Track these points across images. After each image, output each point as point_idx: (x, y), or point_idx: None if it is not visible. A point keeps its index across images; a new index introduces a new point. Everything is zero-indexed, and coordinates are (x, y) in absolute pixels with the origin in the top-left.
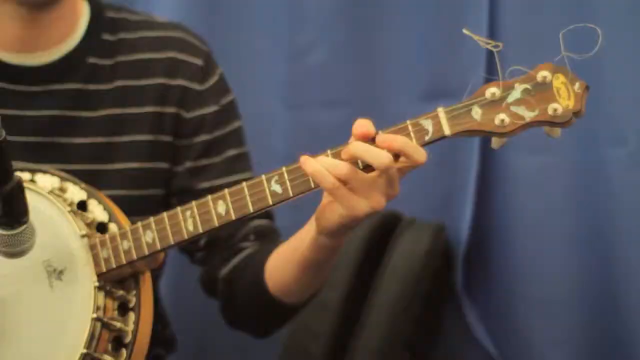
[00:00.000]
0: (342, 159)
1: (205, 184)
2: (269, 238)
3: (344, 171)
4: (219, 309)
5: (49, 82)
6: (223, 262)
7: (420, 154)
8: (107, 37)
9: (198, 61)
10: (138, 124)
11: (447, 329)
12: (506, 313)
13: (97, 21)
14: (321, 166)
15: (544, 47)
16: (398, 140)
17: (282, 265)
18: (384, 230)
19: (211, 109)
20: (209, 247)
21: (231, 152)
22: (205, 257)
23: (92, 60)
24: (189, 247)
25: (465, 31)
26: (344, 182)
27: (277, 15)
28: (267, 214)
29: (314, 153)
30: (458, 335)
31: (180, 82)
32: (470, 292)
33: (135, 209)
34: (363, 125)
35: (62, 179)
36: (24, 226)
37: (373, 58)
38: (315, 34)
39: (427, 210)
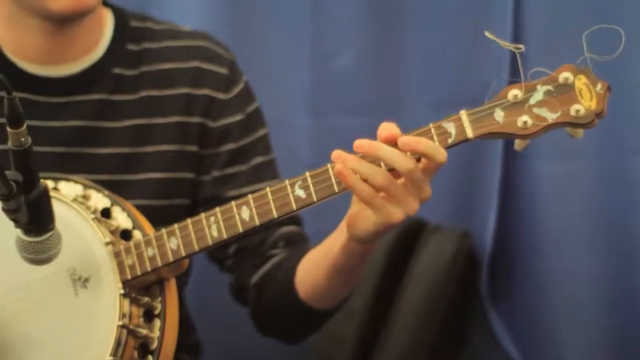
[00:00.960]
0: (363, 153)
1: (233, 192)
2: (299, 244)
3: (384, 180)
4: (249, 316)
5: (74, 93)
6: (253, 269)
7: (441, 154)
8: (131, 47)
9: (223, 70)
10: (163, 134)
11: (472, 334)
12: (530, 319)
13: (122, 31)
14: (357, 175)
15: (569, 48)
16: (421, 142)
17: (312, 271)
18: (409, 237)
19: (236, 117)
20: (238, 255)
21: (258, 160)
22: (234, 265)
23: (116, 70)
24: (218, 256)
25: (487, 34)
26: (380, 189)
27: (301, 22)
28: (295, 220)
29: None
30: (482, 340)
31: (205, 91)
32: (495, 297)
33: (160, 219)
34: (388, 129)
35: (86, 186)
36: (50, 233)
37: (396, 64)
38: (339, 40)
39: (451, 217)
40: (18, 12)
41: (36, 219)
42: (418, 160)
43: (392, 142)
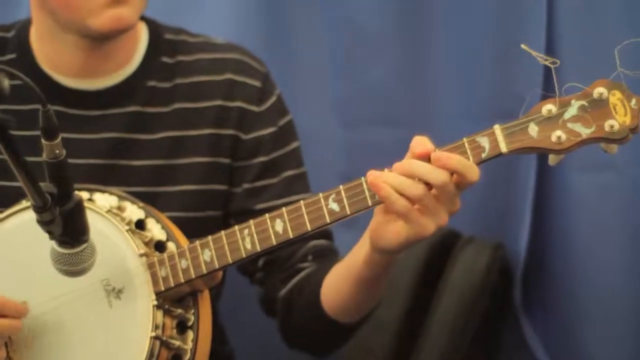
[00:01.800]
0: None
1: (263, 205)
2: (328, 258)
3: (419, 192)
4: (278, 329)
5: (109, 106)
6: (282, 282)
7: (474, 172)
8: (165, 59)
9: (256, 83)
10: (196, 146)
11: (506, 346)
12: (564, 331)
13: (156, 44)
14: (391, 187)
15: (603, 63)
16: (453, 159)
17: (336, 284)
18: (442, 248)
19: (269, 130)
20: (267, 268)
21: (289, 173)
22: (264, 278)
23: (150, 83)
24: (248, 269)
25: (523, 47)
26: (414, 202)
27: (334, 33)
28: (325, 234)
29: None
30: (516, 352)
31: (238, 103)
32: (529, 310)
33: (194, 231)
34: (421, 144)
35: (120, 197)
36: (85, 245)
37: (429, 76)
38: (372, 53)
39: (485, 229)
40: (55, 28)
41: (70, 230)
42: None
43: (426, 157)
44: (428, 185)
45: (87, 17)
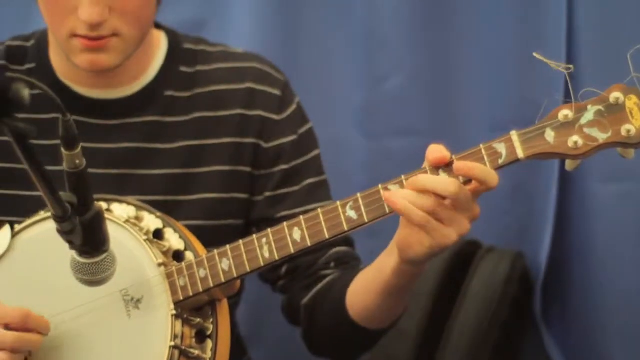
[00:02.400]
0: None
1: (284, 213)
2: (350, 265)
3: (431, 203)
4: (301, 336)
5: (127, 115)
6: (304, 290)
7: (493, 178)
8: (184, 69)
9: (275, 91)
10: (216, 155)
11: (526, 355)
12: (585, 342)
13: (175, 53)
14: (408, 200)
15: (621, 68)
16: (475, 169)
17: (363, 292)
18: (463, 258)
19: (289, 138)
20: (290, 276)
21: (310, 181)
22: (286, 286)
23: (169, 92)
24: (270, 277)
25: (536, 55)
26: (431, 213)
27: (355, 42)
28: (347, 240)
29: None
30: None
31: (258, 112)
32: (549, 320)
33: (212, 240)
34: (437, 151)
35: (138, 208)
36: (105, 255)
37: (450, 85)
38: (392, 61)
39: (505, 239)
40: None
41: (91, 240)
42: (468, 181)
43: (442, 164)
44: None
45: (69, 54)
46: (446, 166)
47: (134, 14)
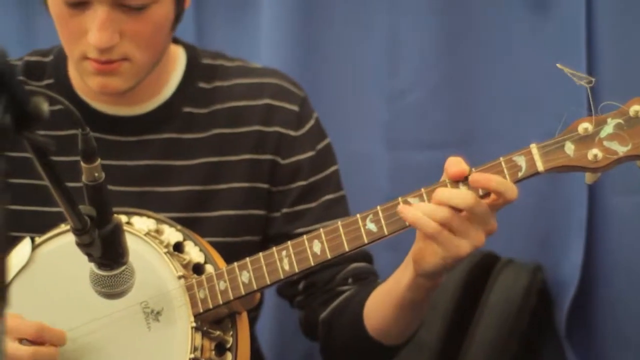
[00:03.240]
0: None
1: (303, 229)
2: (368, 281)
3: (445, 215)
4: (319, 351)
5: (145, 132)
6: (322, 305)
7: (512, 192)
8: (202, 85)
9: (293, 107)
10: (235, 172)
11: None
12: (607, 355)
13: (193, 69)
14: (421, 212)
15: None
16: (492, 180)
17: (379, 306)
18: (481, 270)
19: (307, 154)
20: (307, 291)
21: (328, 197)
22: (304, 301)
23: (187, 109)
24: (288, 292)
25: (559, 66)
26: (444, 225)
27: (377, 55)
28: (365, 256)
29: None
30: None
31: (276, 128)
32: (572, 335)
33: (232, 256)
34: (456, 164)
35: (158, 221)
36: (123, 267)
37: (471, 98)
38: (415, 75)
39: (524, 251)
40: None
41: (110, 253)
42: (487, 194)
43: (461, 177)
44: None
45: (82, 75)
46: (465, 179)
47: (146, 39)
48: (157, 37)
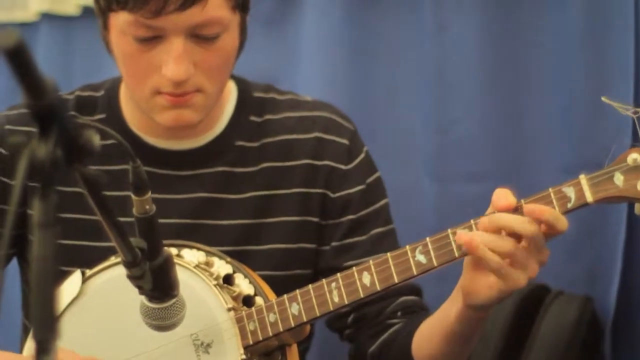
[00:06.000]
0: (485, 230)
1: (351, 263)
2: (417, 314)
3: (510, 247)
4: None
5: (198, 166)
6: (371, 338)
7: (563, 223)
8: (253, 118)
9: (344, 141)
10: (285, 206)
11: None
12: None
13: (245, 103)
14: (483, 244)
15: None
16: (545, 211)
17: (428, 339)
18: (531, 302)
19: (357, 188)
20: (356, 325)
21: (377, 230)
22: (353, 335)
23: (239, 143)
24: (337, 325)
25: (604, 99)
26: (505, 257)
27: (424, 88)
28: (414, 289)
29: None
30: None
31: (326, 162)
32: None
33: (282, 289)
34: (504, 197)
35: (208, 253)
36: (174, 300)
37: (518, 129)
38: (462, 107)
39: (573, 282)
40: None
41: (160, 285)
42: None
43: (510, 210)
44: (516, 237)
45: (151, 112)
46: (513, 211)
47: (218, 70)
48: (226, 67)
